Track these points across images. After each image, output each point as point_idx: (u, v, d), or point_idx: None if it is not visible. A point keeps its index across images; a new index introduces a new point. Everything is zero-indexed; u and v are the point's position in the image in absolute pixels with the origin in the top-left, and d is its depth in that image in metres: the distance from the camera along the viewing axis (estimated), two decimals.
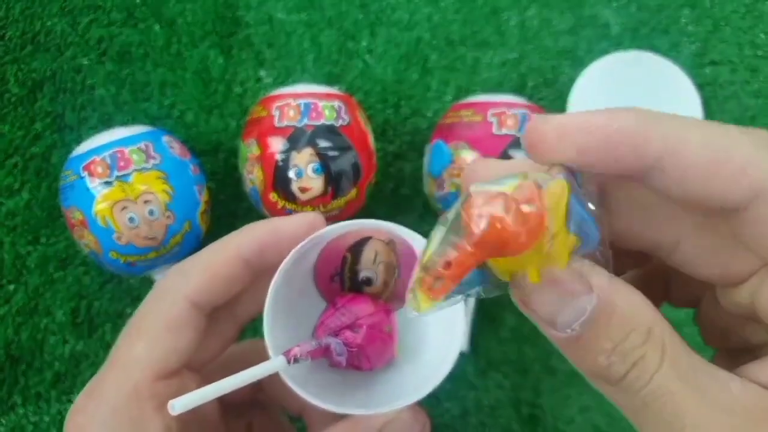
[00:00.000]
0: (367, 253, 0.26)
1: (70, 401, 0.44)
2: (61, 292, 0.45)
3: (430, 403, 0.46)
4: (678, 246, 0.20)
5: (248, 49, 0.49)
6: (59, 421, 0.44)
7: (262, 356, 0.24)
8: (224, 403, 0.28)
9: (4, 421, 0.44)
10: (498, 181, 0.18)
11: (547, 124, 0.18)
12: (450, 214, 0.18)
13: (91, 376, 0.45)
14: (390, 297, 0.27)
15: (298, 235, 0.25)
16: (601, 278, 0.18)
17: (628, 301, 0.18)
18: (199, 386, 0.22)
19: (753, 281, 0.19)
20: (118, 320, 0.45)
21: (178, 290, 0.25)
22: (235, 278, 0.25)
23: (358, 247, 0.26)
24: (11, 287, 0.45)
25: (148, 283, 0.45)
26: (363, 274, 0.27)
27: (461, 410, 0.46)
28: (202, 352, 0.26)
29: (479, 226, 0.17)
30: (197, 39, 0.49)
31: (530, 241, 0.17)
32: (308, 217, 0.25)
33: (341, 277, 0.27)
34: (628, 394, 0.17)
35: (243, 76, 0.49)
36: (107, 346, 0.45)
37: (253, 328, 0.37)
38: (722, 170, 0.17)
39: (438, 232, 0.18)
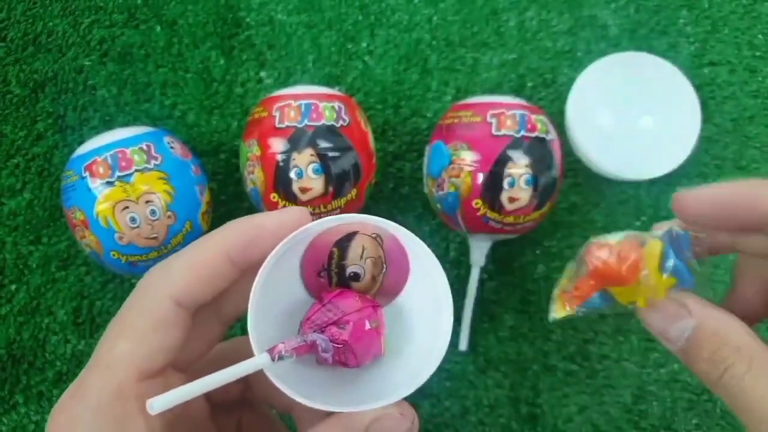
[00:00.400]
0: (354, 248, 0.26)
1: None
2: (62, 291, 0.45)
3: (430, 402, 0.47)
4: None
5: (249, 50, 0.49)
6: None
7: (249, 354, 0.24)
8: (213, 401, 0.28)
9: (5, 420, 0.44)
10: (612, 234, 0.26)
11: (687, 195, 0.26)
12: (579, 254, 0.26)
13: None
14: (378, 292, 0.27)
15: (282, 231, 0.24)
16: (696, 305, 0.24)
17: (720, 324, 0.24)
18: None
19: None
20: None
21: (162, 288, 0.24)
22: (219, 276, 0.25)
23: (344, 242, 0.26)
24: (13, 287, 0.45)
25: None
26: (350, 269, 0.27)
27: (461, 409, 0.46)
28: (187, 352, 0.26)
29: (592, 263, 0.26)
30: (198, 40, 0.49)
31: (630, 276, 0.25)
32: (293, 211, 0.25)
33: (328, 273, 0.27)
34: (725, 392, 0.23)
35: (244, 76, 0.49)
36: None
37: (242, 326, 0.37)
38: None
39: (570, 266, 0.27)
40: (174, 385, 0.24)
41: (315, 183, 0.40)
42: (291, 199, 0.40)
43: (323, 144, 0.40)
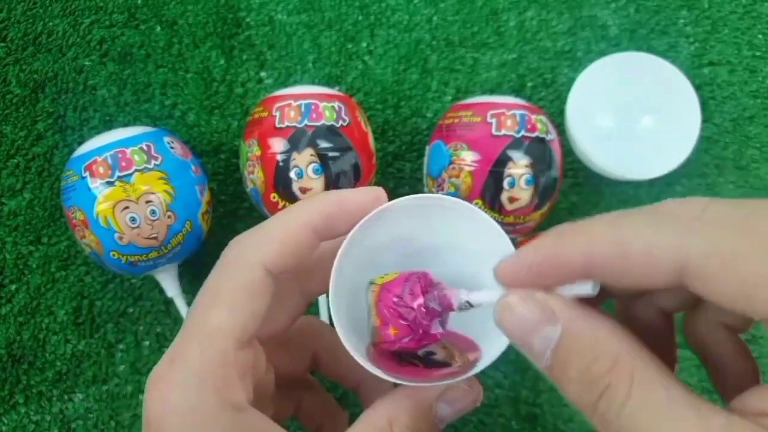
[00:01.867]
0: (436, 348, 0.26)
1: (71, 400, 0.44)
2: (62, 291, 0.45)
3: None
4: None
5: (249, 50, 0.49)
6: (61, 420, 0.44)
7: (320, 332, 0.26)
8: (278, 380, 0.29)
9: (6, 420, 0.44)
10: None
11: (502, 268, 0.22)
12: None
13: (93, 375, 0.45)
14: (462, 358, 0.27)
15: (364, 207, 0.25)
16: (563, 308, 0.19)
17: (592, 330, 0.19)
18: (265, 359, 0.24)
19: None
20: (119, 320, 0.46)
21: (253, 255, 0.25)
22: (305, 245, 0.25)
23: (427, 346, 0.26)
24: (13, 287, 0.45)
25: (150, 283, 0.46)
26: (429, 348, 0.27)
27: None
28: (271, 323, 0.26)
29: None
30: (198, 40, 0.49)
31: None
32: (374, 190, 0.26)
33: (412, 338, 0.26)
34: (605, 423, 0.18)
35: (244, 77, 0.49)
36: (109, 346, 0.45)
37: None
38: (630, 267, 0.19)
39: None
40: (260, 357, 0.25)
41: (315, 183, 0.40)
42: (291, 199, 0.40)
43: (323, 144, 0.40)
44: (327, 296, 0.25)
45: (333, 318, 0.25)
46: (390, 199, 0.26)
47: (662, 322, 0.24)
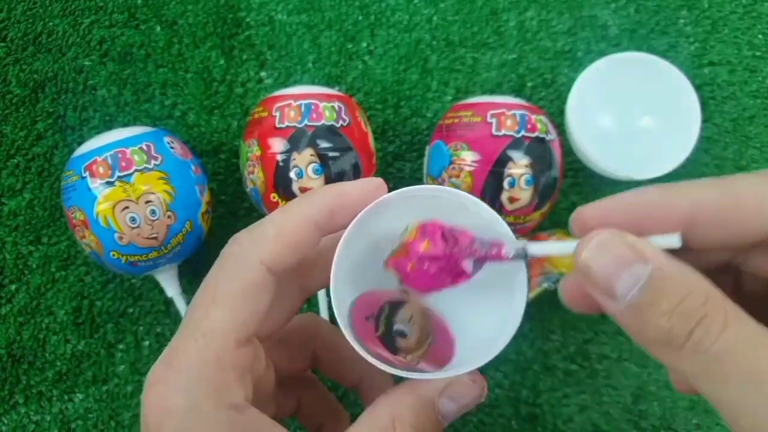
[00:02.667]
0: (404, 312, 0.27)
1: (71, 400, 0.44)
2: (62, 291, 0.45)
3: None
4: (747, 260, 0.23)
5: (249, 50, 0.49)
6: (61, 420, 0.44)
7: (320, 329, 0.26)
8: (277, 379, 0.29)
9: (6, 420, 0.44)
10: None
11: (589, 210, 0.23)
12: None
13: (93, 375, 0.45)
14: (424, 357, 0.27)
15: (365, 198, 0.25)
16: (653, 250, 0.20)
17: (682, 270, 0.19)
18: (265, 357, 0.24)
19: None
20: (119, 319, 0.46)
21: (253, 254, 0.24)
22: (306, 241, 0.25)
23: (395, 304, 0.27)
24: (13, 287, 0.45)
25: (150, 283, 0.46)
26: (398, 326, 0.27)
27: None
28: (270, 321, 0.26)
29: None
30: (198, 40, 0.49)
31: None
32: (374, 181, 0.26)
33: (376, 321, 0.27)
34: (695, 355, 0.18)
35: (244, 77, 0.49)
36: (109, 345, 0.45)
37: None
38: (740, 216, 0.20)
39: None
40: (260, 354, 0.25)
41: (315, 183, 0.40)
42: (291, 199, 0.40)
43: (323, 144, 0.40)
44: (327, 291, 0.25)
45: (334, 309, 0.25)
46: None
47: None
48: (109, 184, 0.38)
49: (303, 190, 0.40)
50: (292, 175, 0.40)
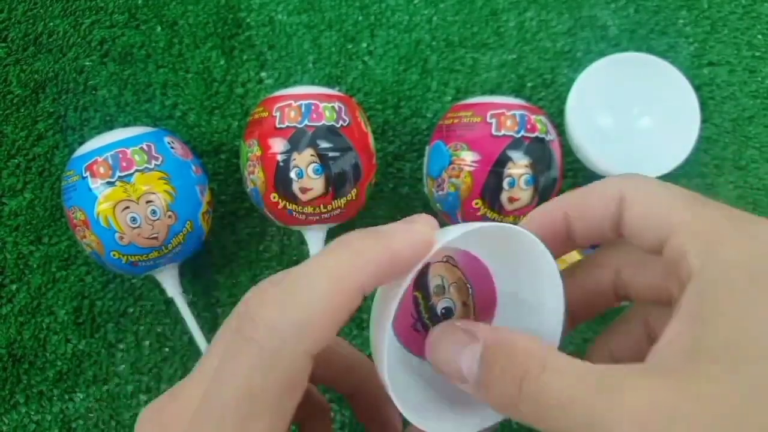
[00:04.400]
0: (434, 282, 0.25)
1: (72, 400, 0.45)
2: (63, 291, 0.46)
3: None
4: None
5: (249, 50, 0.49)
6: (61, 419, 0.44)
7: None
8: None
9: (6, 420, 0.44)
10: None
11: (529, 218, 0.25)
12: None
13: (94, 374, 0.45)
14: (476, 315, 0.26)
15: (415, 258, 0.22)
16: (484, 329, 0.22)
17: (507, 338, 0.22)
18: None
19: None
20: (120, 319, 0.46)
21: (297, 346, 0.20)
22: (352, 312, 0.21)
23: (422, 281, 0.25)
24: (14, 286, 0.45)
25: (150, 283, 0.46)
26: (440, 306, 0.26)
27: None
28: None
29: None
30: (199, 40, 0.49)
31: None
32: (425, 234, 0.22)
33: (422, 322, 0.25)
34: (529, 403, 0.20)
35: (244, 77, 0.49)
36: (109, 345, 0.45)
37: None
38: (590, 199, 0.24)
39: None
40: None
41: (315, 183, 0.40)
42: (291, 199, 0.40)
43: (323, 144, 0.40)
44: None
45: (395, 400, 0.22)
46: (390, 200, 0.25)
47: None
48: (110, 184, 0.38)
49: (303, 190, 0.40)
50: (292, 175, 0.40)
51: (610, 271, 0.26)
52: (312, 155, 0.40)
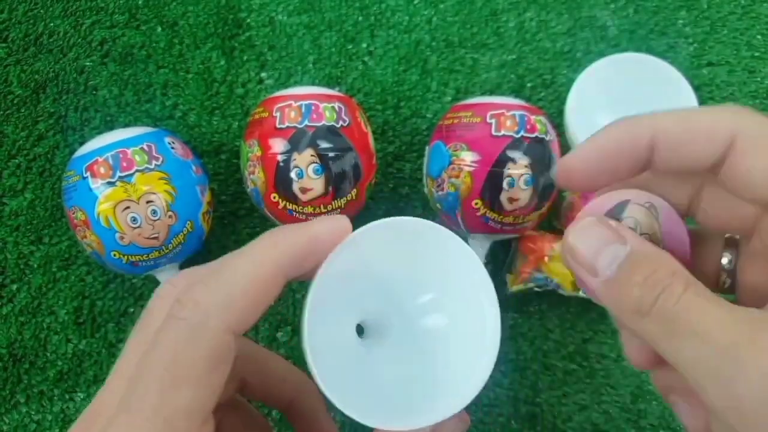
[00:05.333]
0: (627, 223, 0.25)
1: (72, 400, 0.45)
2: (63, 291, 0.46)
3: None
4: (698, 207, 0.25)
5: (250, 51, 0.49)
6: (62, 419, 0.44)
7: (249, 356, 0.24)
8: None
9: (7, 420, 0.44)
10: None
11: (570, 161, 0.24)
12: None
13: (95, 374, 0.45)
14: None
15: (334, 240, 0.24)
16: (632, 234, 0.23)
17: (654, 251, 0.22)
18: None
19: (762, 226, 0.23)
20: (120, 319, 0.46)
21: (219, 322, 0.21)
22: (273, 294, 0.23)
23: (614, 215, 0.25)
24: (14, 286, 0.45)
25: (150, 283, 0.46)
26: None
27: None
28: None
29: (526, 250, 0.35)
30: (199, 41, 0.49)
31: (541, 250, 0.37)
32: (339, 221, 0.24)
33: None
34: (658, 318, 0.21)
35: (245, 77, 0.49)
36: (110, 345, 0.45)
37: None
38: (691, 140, 0.22)
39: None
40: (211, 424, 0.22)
41: (315, 183, 0.40)
42: (291, 199, 0.40)
43: (323, 144, 0.40)
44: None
45: (315, 377, 0.23)
46: (390, 200, 0.26)
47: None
48: (110, 184, 0.38)
49: (303, 190, 0.40)
50: (292, 175, 0.40)
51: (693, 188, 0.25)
52: (312, 155, 0.40)
